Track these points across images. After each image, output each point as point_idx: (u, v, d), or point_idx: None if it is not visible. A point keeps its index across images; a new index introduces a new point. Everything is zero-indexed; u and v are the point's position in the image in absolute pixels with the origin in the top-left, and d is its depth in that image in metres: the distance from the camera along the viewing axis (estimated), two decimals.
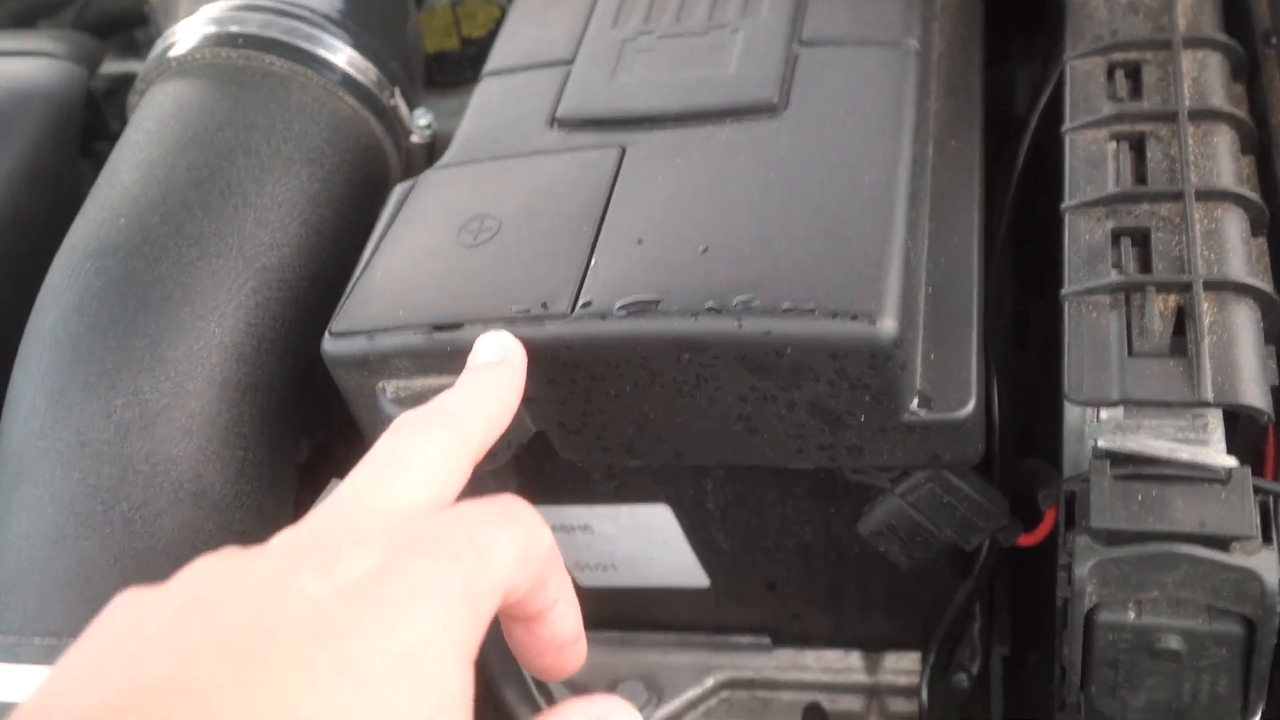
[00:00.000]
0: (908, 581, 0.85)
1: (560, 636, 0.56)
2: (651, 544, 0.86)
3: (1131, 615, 0.58)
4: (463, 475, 0.57)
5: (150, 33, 1.33)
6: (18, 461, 0.72)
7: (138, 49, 1.37)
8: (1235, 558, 0.56)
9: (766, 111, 0.74)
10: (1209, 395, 0.58)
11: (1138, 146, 0.70)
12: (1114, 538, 0.58)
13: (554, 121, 0.79)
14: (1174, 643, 0.57)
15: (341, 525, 0.49)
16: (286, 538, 0.48)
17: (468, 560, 0.47)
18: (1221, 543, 0.56)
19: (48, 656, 0.66)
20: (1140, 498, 0.58)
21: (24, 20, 1.29)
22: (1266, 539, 0.57)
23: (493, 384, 0.62)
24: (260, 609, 0.42)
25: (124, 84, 1.21)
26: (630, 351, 0.65)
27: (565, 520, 0.87)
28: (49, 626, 0.67)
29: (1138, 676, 0.60)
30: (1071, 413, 0.67)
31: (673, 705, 0.96)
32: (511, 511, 0.53)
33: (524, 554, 0.51)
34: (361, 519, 0.50)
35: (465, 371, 0.64)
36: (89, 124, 1.05)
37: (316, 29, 0.89)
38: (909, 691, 0.91)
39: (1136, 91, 0.74)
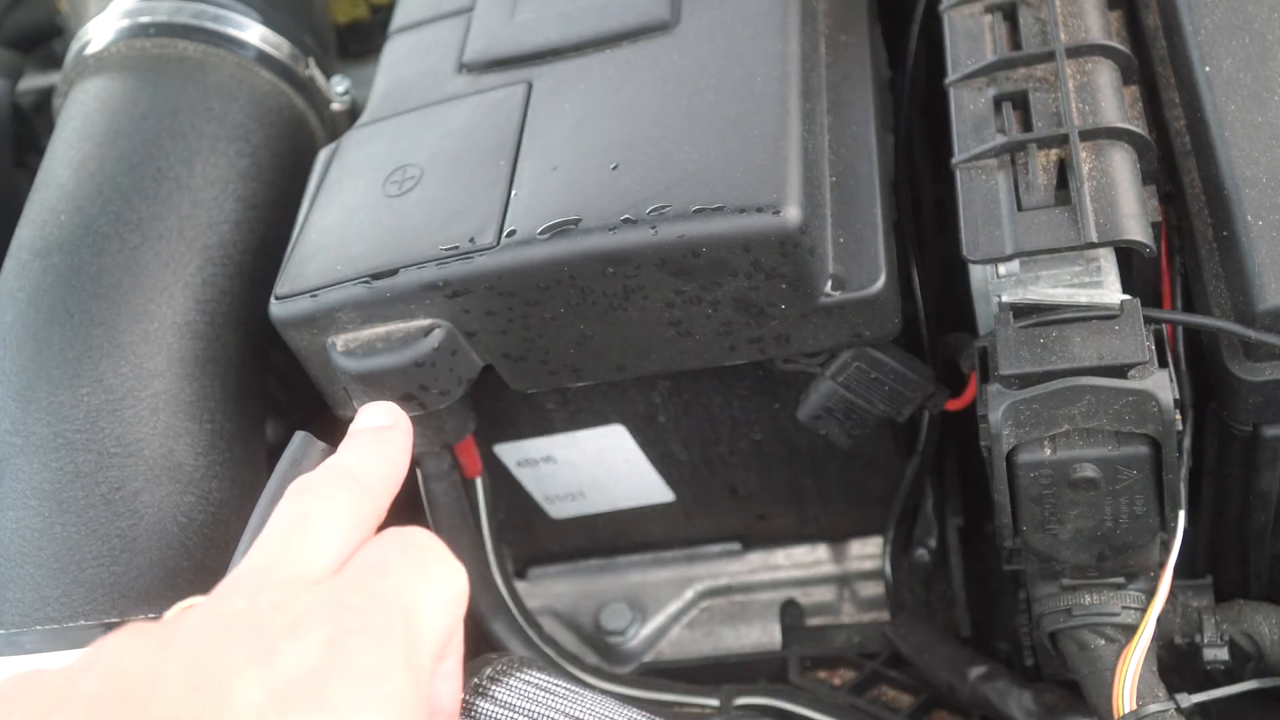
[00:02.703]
0: (860, 469, 0.90)
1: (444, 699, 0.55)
2: (613, 465, 0.90)
3: (1048, 452, 0.62)
4: (369, 533, 0.54)
5: (66, 42, 1.34)
6: None
7: (57, 61, 1.39)
8: (1132, 383, 0.60)
9: (660, 29, 0.77)
10: (1094, 236, 0.61)
11: (1010, 15, 0.73)
12: (1023, 381, 0.62)
13: (461, 67, 0.82)
14: (1089, 471, 0.62)
15: (266, 603, 0.46)
16: (207, 619, 0.45)
17: (401, 632, 0.45)
18: (1119, 370, 0.60)
19: (49, 643, 0.69)
20: (1042, 341, 0.62)
21: None
22: (1162, 363, 0.62)
23: (383, 446, 0.61)
24: (193, 714, 0.38)
25: (50, 97, 1.23)
26: (558, 272, 0.69)
27: (528, 454, 0.91)
28: (47, 614, 0.70)
29: (1062, 508, 0.64)
30: (975, 274, 0.71)
31: (657, 621, 1.00)
32: (426, 554, 0.52)
33: (448, 597, 0.50)
34: (284, 594, 0.47)
35: (351, 435, 0.63)
36: (19, 137, 1.07)
37: (225, 9, 0.91)
38: (876, 575, 0.96)
39: None
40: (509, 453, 0.90)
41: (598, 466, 0.90)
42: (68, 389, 0.75)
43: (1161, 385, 0.60)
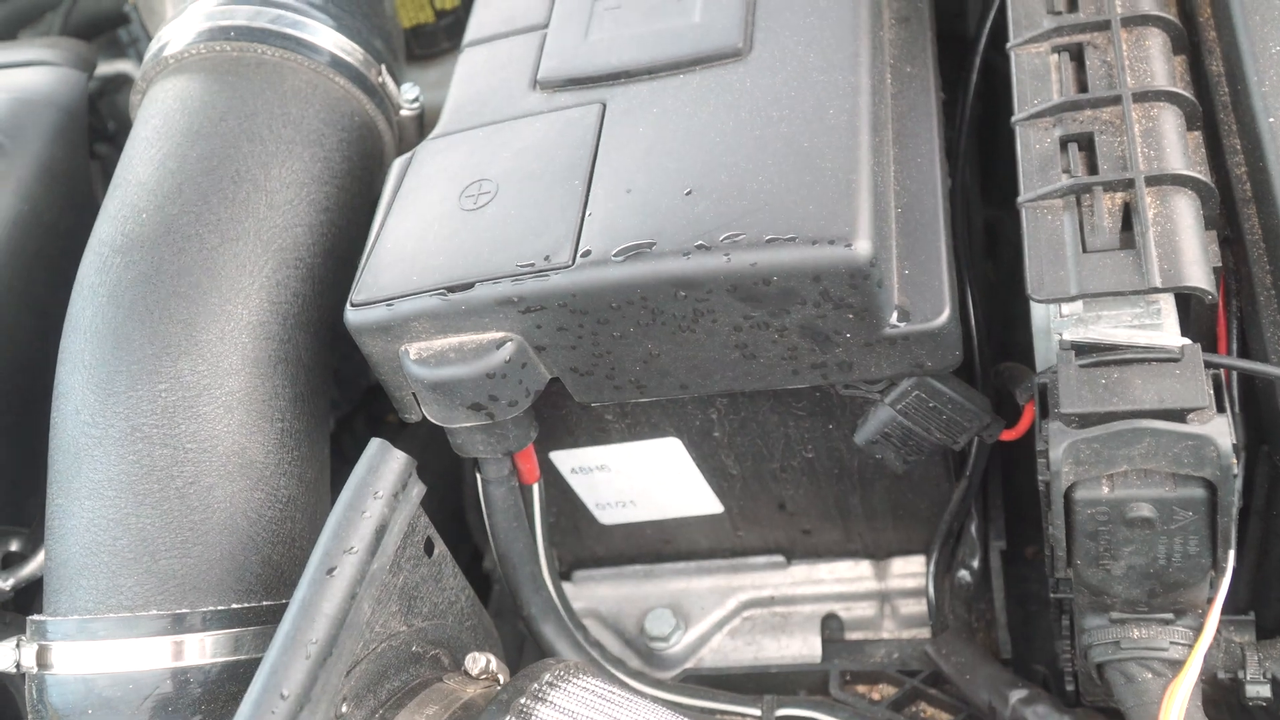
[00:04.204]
0: (907, 489, 0.91)
1: None
2: (665, 476, 0.92)
3: (1105, 490, 0.64)
4: None
5: (132, 32, 1.37)
6: (74, 451, 0.77)
7: (122, 49, 1.41)
8: (1192, 427, 0.61)
9: (732, 56, 0.79)
10: (1157, 281, 0.63)
11: (1077, 56, 0.75)
12: (1083, 420, 0.63)
13: (535, 84, 0.84)
14: (1145, 510, 0.63)
15: None
16: None
17: None
18: (1179, 415, 0.62)
19: (122, 631, 0.71)
20: (1104, 381, 0.64)
21: (7, 29, 1.33)
22: (1220, 408, 0.63)
23: None
24: None
25: (114, 85, 1.26)
26: (631, 293, 0.71)
27: (584, 462, 0.93)
28: (121, 602, 0.72)
29: (1116, 545, 0.65)
30: (1037, 312, 0.73)
31: (700, 628, 1.03)
32: None
33: None
34: None
35: None
36: (90, 127, 1.10)
37: (300, 15, 0.93)
38: (917, 593, 0.97)
39: (1073, 4, 0.79)
40: (564, 460, 0.92)
41: (650, 476, 0.93)
42: (146, 384, 0.77)
43: (1221, 431, 0.61)
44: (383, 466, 0.68)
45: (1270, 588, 0.78)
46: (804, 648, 0.99)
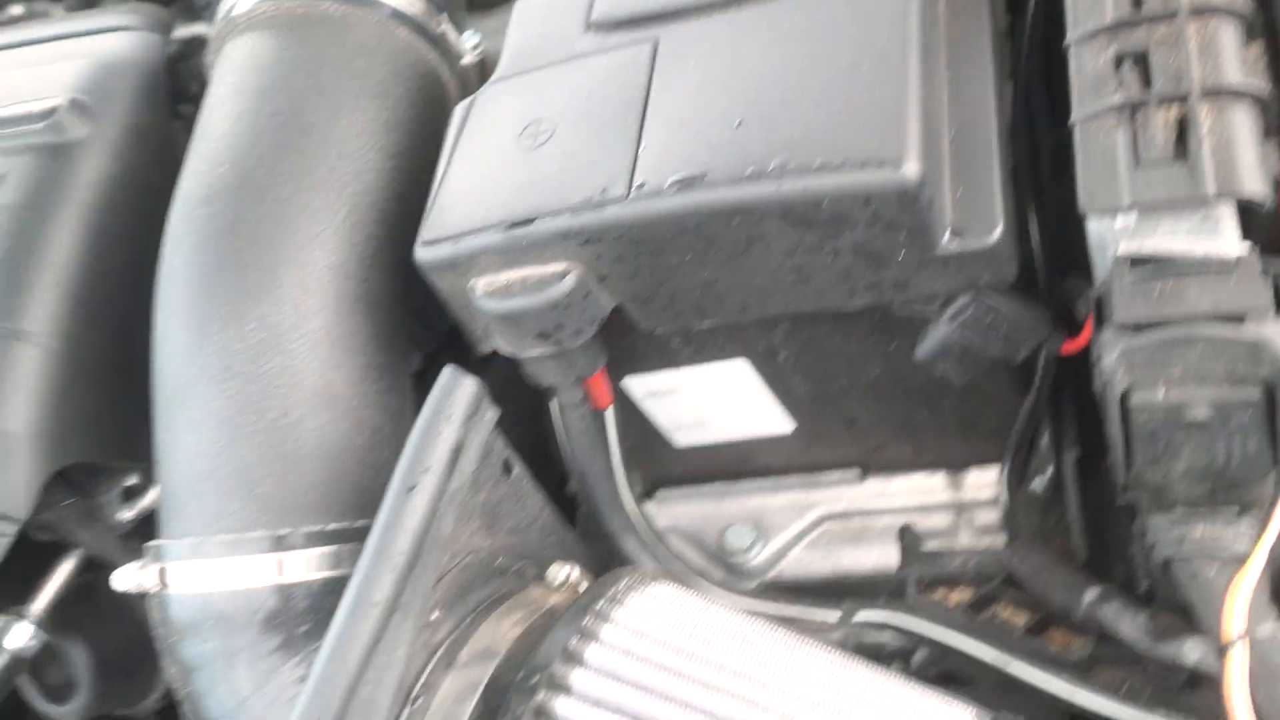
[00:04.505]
0: (976, 404, 0.92)
1: None
2: (735, 398, 0.94)
3: (1161, 394, 0.64)
4: None
5: None
6: (175, 388, 0.83)
7: (197, 12, 1.45)
8: (1246, 331, 0.62)
9: None
10: (1211, 189, 0.63)
11: None
12: (1139, 328, 0.64)
13: (589, 25, 0.85)
14: (1202, 413, 0.64)
15: None
16: None
17: None
18: (1235, 319, 0.62)
19: (231, 551, 0.77)
20: (1158, 290, 0.64)
21: None
22: (1279, 311, 0.63)
23: None
24: None
25: (192, 47, 1.30)
26: (685, 223, 0.73)
27: (655, 387, 0.95)
28: (228, 525, 0.78)
29: (1174, 447, 0.66)
30: (1093, 226, 0.72)
31: (779, 541, 1.05)
32: None
33: None
34: None
35: None
36: (172, 88, 1.14)
37: None
38: (992, 503, 0.98)
39: None
40: (637, 385, 0.95)
41: (720, 399, 0.95)
42: (235, 326, 0.82)
43: (1277, 333, 0.61)
44: (455, 392, 0.72)
45: None
46: (882, 558, 1.00)
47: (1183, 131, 0.66)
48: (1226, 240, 0.65)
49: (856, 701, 0.66)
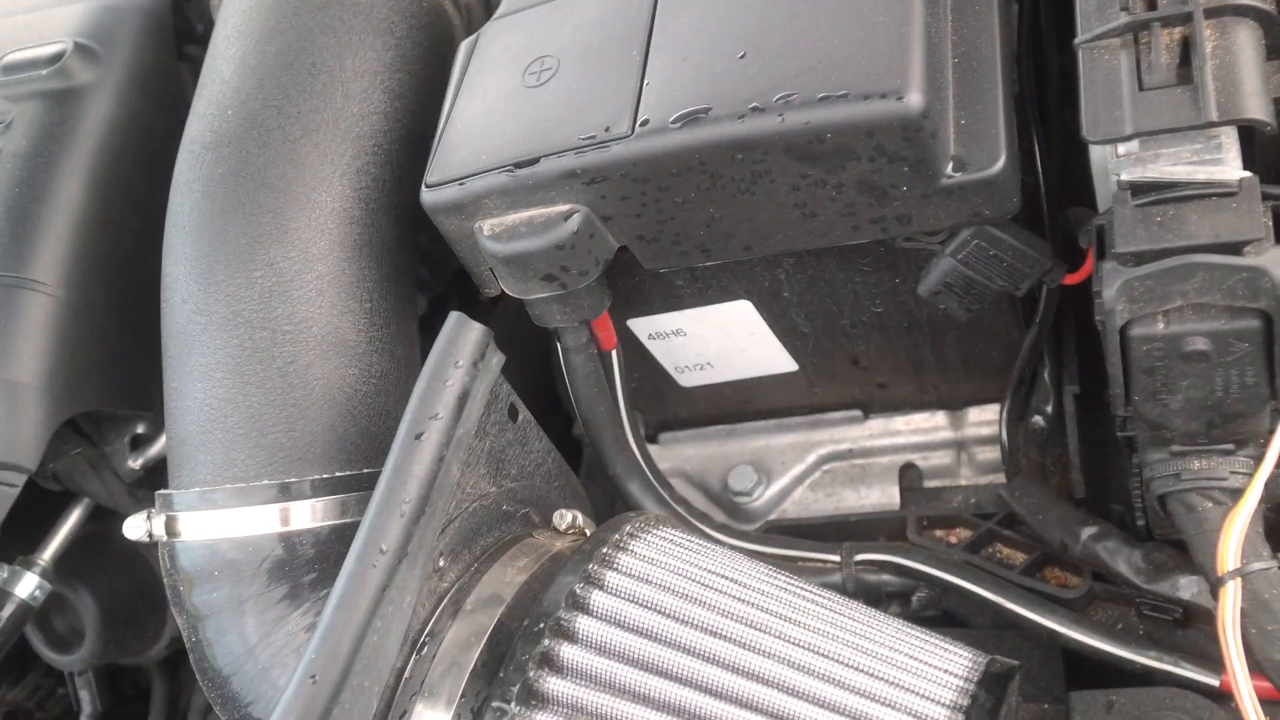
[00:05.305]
0: (979, 339, 0.93)
1: None
2: (740, 338, 0.95)
3: (1161, 326, 0.65)
4: None
5: None
6: (183, 336, 0.83)
7: None
8: (1246, 259, 0.62)
9: None
10: (1214, 115, 0.63)
11: None
12: (1138, 259, 0.64)
13: None
14: (1201, 344, 0.64)
15: None
16: None
17: None
18: (1234, 248, 0.63)
19: (239, 500, 0.77)
20: (1159, 219, 0.65)
21: None
22: (1279, 239, 0.63)
23: None
24: None
25: None
26: (689, 159, 0.73)
27: (660, 328, 0.96)
28: (235, 474, 0.78)
29: (1173, 380, 0.67)
30: (1096, 154, 0.73)
31: (782, 482, 1.07)
32: None
33: None
34: None
35: None
36: (176, 29, 1.14)
37: None
38: (993, 440, 1.00)
39: None
40: (642, 327, 0.96)
41: (725, 339, 0.96)
42: (243, 272, 0.82)
43: (1276, 261, 0.62)
44: (461, 338, 0.72)
45: None
46: (883, 497, 1.02)
47: (1186, 53, 0.66)
48: (1229, 166, 0.66)
49: (855, 647, 0.67)
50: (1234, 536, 0.67)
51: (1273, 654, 0.66)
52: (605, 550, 0.71)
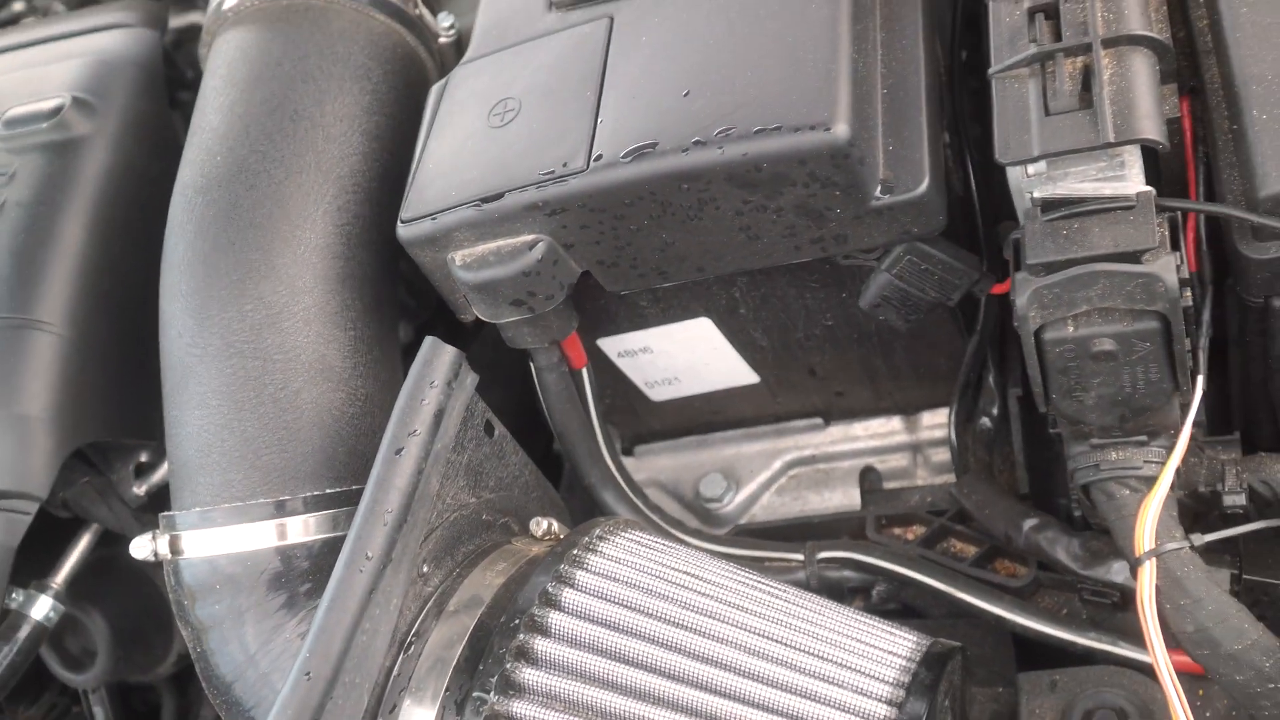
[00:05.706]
0: (925, 348, 0.99)
1: None
2: (703, 353, 1.01)
3: (1070, 329, 0.71)
4: None
5: None
6: (181, 368, 0.88)
7: (191, 1, 1.51)
8: (1143, 266, 0.68)
9: None
10: (1111, 136, 0.69)
11: None
12: (1048, 269, 0.71)
13: (550, 4, 0.92)
14: (1107, 345, 0.70)
15: None
16: None
17: None
18: (1132, 256, 0.69)
19: (237, 517, 0.82)
20: (1065, 233, 0.71)
21: None
22: (1175, 247, 0.70)
23: None
24: None
25: (188, 36, 1.36)
26: (640, 189, 0.79)
27: (628, 346, 1.02)
28: (233, 494, 0.83)
29: (1085, 378, 0.73)
30: (1013, 174, 0.79)
31: (750, 488, 1.12)
32: None
33: None
34: None
35: None
36: (169, 78, 1.20)
37: None
38: (945, 442, 1.05)
39: None
40: (610, 345, 1.02)
41: (689, 354, 1.02)
42: (234, 307, 0.88)
43: (1168, 268, 0.68)
44: (436, 359, 0.78)
45: (1257, 409, 0.85)
46: (845, 499, 1.08)
47: (1088, 80, 0.72)
48: (1130, 182, 0.72)
49: (807, 633, 0.73)
50: (1149, 520, 0.73)
51: (1185, 626, 0.72)
52: (576, 551, 0.77)
